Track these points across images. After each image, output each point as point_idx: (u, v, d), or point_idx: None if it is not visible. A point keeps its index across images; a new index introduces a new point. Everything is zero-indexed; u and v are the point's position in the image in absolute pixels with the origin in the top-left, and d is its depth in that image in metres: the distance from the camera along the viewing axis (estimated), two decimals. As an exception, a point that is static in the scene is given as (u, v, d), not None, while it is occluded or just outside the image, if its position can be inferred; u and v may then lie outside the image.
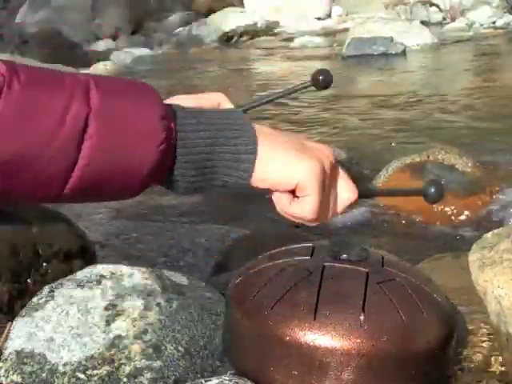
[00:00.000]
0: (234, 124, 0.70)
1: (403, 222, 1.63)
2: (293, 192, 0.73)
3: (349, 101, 3.56)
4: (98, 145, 0.63)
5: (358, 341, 0.71)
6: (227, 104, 0.96)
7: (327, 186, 0.72)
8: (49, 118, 0.61)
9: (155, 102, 0.68)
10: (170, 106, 0.70)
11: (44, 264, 0.97)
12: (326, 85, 0.92)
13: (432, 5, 7.48)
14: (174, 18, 9.68)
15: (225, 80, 4.76)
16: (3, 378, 0.77)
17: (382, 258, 0.82)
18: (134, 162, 0.65)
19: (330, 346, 0.72)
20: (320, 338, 0.72)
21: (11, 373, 0.77)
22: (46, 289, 0.87)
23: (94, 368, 0.77)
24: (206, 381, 0.74)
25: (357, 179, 1.94)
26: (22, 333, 0.81)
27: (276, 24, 8.24)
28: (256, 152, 0.69)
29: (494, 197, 1.65)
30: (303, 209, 0.73)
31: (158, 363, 0.79)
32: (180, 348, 0.81)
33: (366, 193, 0.91)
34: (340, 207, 0.76)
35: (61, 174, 0.63)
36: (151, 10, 10.15)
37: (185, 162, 0.68)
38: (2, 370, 0.78)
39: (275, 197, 0.73)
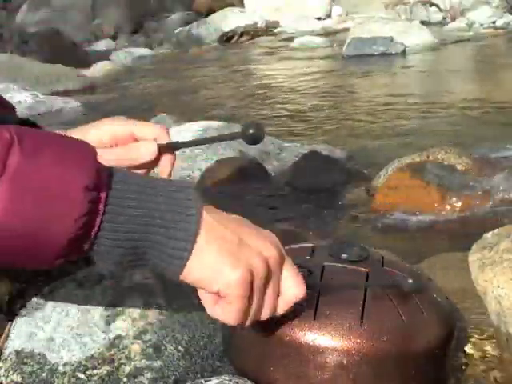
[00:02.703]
0: (179, 208, 0.63)
1: (403, 221, 1.63)
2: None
3: (348, 101, 3.55)
4: (6, 207, 0.57)
5: (358, 341, 0.71)
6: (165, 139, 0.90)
7: (258, 291, 0.66)
8: None
9: (85, 167, 0.60)
10: (109, 173, 0.62)
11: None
12: (255, 140, 0.87)
13: (432, 5, 7.48)
14: (174, 17, 9.69)
15: (225, 80, 4.76)
16: (3, 378, 0.77)
17: (382, 258, 0.83)
18: (47, 232, 0.59)
19: (330, 346, 0.72)
20: (320, 337, 0.72)
21: (11, 373, 0.77)
22: (46, 289, 0.87)
23: (94, 368, 0.77)
24: (205, 381, 0.74)
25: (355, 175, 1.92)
26: (22, 333, 0.81)
27: (276, 24, 8.24)
28: (191, 250, 0.63)
29: (494, 197, 1.65)
30: (224, 314, 0.67)
31: (158, 363, 0.79)
32: (180, 348, 0.81)
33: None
34: (283, 306, 0.70)
35: None
36: (151, 10, 10.15)
37: (112, 240, 0.61)
38: (2, 370, 0.78)
39: (200, 294, 0.67)
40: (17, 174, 0.57)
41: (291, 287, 0.69)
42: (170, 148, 0.91)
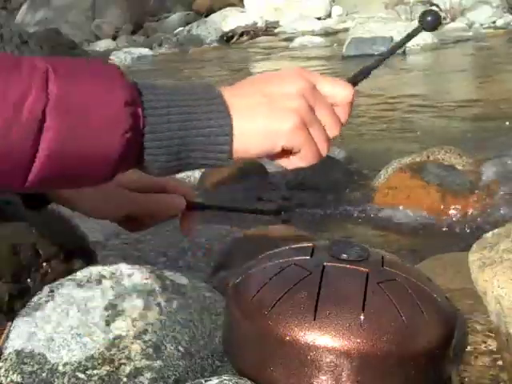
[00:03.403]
0: (207, 103, 0.67)
1: (403, 221, 1.63)
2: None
3: (349, 101, 3.55)
4: (57, 136, 0.60)
5: (358, 341, 0.71)
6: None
7: (314, 123, 0.70)
8: (5, 105, 0.58)
9: (120, 85, 0.64)
10: (137, 88, 0.66)
11: (44, 264, 0.97)
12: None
13: (432, 5, 7.49)
14: (174, 18, 9.69)
15: (225, 80, 4.76)
16: (3, 378, 0.77)
17: (382, 257, 0.82)
18: (98, 151, 0.63)
19: (330, 346, 0.72)
20: (320, 337, 0.72)
21: (11, 373, 0.77)
22: (46, 289, 0.87)
23: (94, 368, 0.77)
24: (205, 381, 0.74)
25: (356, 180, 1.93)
26: (22, 333, 0.81)
27: (276, 24, 8.25)
28: (231, 132, 0.67)
29: (494, 197, 1.65)
30: (303, 159, 0.71)
31: (158, 363, 0.79)
32: (180, 348, 0.81)
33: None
34: (344, 111, 0.74)
35: (22, 162, 0.60)
36: (151, 10, 10.15)
37: (156, 148, 0.66)
38: (2, 370, 0.78)
39: (271, 159, 0.71)
40: (59, 99, 0.61)
41: (339, 92, 0.74)
42: (195, 207, 0.96)
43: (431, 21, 0.89)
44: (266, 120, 0.68)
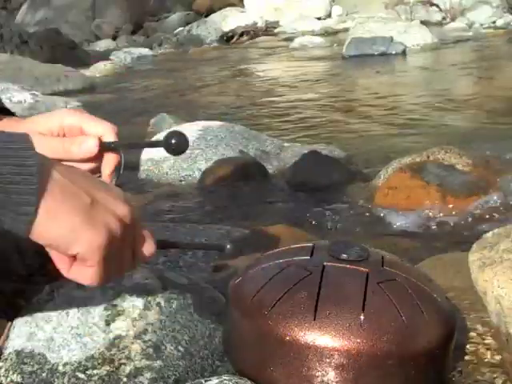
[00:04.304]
0: (17, 159, 0.58)
1: (403, 221, 1.63)
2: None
3: (348, 100, 3.56)
4: None
5: (358, 341, 0.71)
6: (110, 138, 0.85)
7: (114, 252, 0.65)
8: None
9: None
10: None
11: (44, 264, 0.97)
12: (177, 150, 0.86)
13: (432, 5, 7.49)
14: (174, 18, 9.70)
15: (225, 80, 4.76)
16: (3, 378, 0.77)
17: (382, 257, 0.82)
18: None
19: (330, 346, 0.72)
20: (320, 337, 0.72)
21: (11, 373, 0.77)
22: (46, 289, 0.87)
23: (94, 368, 0.77)
24: (205, 381, 0.74)
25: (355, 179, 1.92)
26: (22, 333, 0.81)
27: (276, 24, 8.25)
28: (38, 205, 0.59)
29: (494, 196, 1.65)
30: (82, 277, 0.65)
31: (158, 363, 0.79)
32: (180, 348, 0.81)
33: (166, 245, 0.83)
34: (138, 262, 0.70)
35: None
36: (151, 10, 10.16)
37: None
38: (2, 370, 0.78)
39: (53, 255, 0.65)
40: None
41: (144, 243, 0.69)
42: (112, 147, 0.85)
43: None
44: (79, 217, 0.61)
